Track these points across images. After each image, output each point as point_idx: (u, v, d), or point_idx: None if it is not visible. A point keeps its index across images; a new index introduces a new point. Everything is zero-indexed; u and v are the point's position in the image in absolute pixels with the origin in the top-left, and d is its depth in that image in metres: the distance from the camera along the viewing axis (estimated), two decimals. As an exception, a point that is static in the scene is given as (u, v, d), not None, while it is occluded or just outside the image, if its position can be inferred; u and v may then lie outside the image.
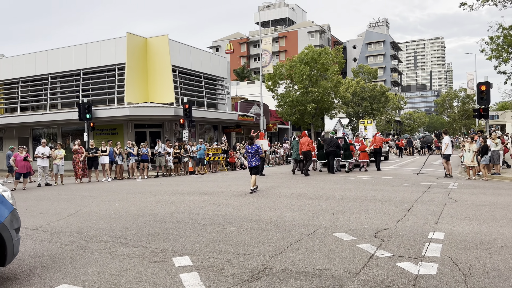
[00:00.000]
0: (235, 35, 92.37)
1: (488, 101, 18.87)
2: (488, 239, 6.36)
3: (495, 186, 13.67)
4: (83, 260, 5.70)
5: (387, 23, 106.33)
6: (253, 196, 11.78)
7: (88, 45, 27.59)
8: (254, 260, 5.51)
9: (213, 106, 32.00)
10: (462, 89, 65.69)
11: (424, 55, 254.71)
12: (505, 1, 20.08)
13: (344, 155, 19.92)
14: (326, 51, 37.45)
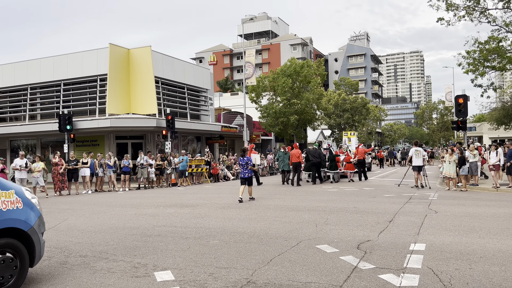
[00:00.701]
0: (219, 47, 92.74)
1: (465, 113, 19.34)
2: (468, 250, 6.46)
3: (474, 197, 13.94)
4: (62, 276, 5.55)
5: (367, 37, 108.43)
6: (236, 208, 11.73)
7: (69, 56, 27.26)
8: (237, 273, 5.46)
9: (196, 117, 31.91)
10: (441, 101, 67.24)
11: (404, 68, 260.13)
12: (481, 17, 20.75)
13: (330, 166, 20.51)
14: (308, 64, 37.92)
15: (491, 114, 42.17)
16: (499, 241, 7.08)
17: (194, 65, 37.13)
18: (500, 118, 38.40)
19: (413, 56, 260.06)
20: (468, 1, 20.47)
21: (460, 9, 20.75)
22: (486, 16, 20.62)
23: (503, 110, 37.43)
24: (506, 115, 36.67)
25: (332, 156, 20.68)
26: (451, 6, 20.69)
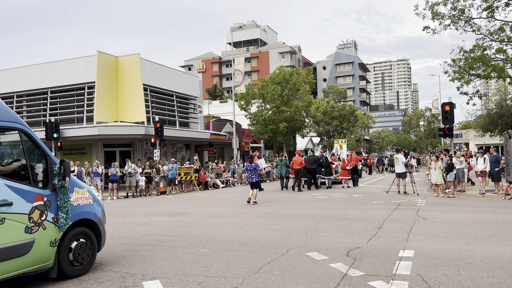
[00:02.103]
0: (208, 55, 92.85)
1: (452, 120, 19.60)
2: (456, 256, 6.52)
3: (461, 203, 14.10)
4: (48, 287, 5.45)
5: (355, 45, 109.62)
6: (226, 217, 11.68)
7: (56, 63, 27.01)
8: (227, 282, 5.42)
9: (185, 125, 31.80)
10: (428, 109, 68.12)
11: (391, 76, 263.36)
12: (466, 25, 21.14)
13: (325, 172, 21.54)
14: (297, 72, 38.16)
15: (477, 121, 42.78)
16: (486, 247, 7.15)
17: (183, 72, 37.08)
18: (485, 125, 38.97)
19: (400, 64, 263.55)
20: (453, 10, 20.85)
21: (446, 18, 21.12)
22: (470, 25, 21.02)
23: (488, 118, 38.00)
24: (492, 122, 37.23)
25: (327, 162, 21.74)
26: (437, 15, 21.05)
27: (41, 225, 5.39)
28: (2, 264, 4.83)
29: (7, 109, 5.42)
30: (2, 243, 4.83)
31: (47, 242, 5.46)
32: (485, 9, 20.37)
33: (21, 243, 5.08)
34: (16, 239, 5.03)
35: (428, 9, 21.17)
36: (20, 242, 5.07)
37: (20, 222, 5.09)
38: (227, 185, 26.79)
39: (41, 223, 5.38)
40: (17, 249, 5.02)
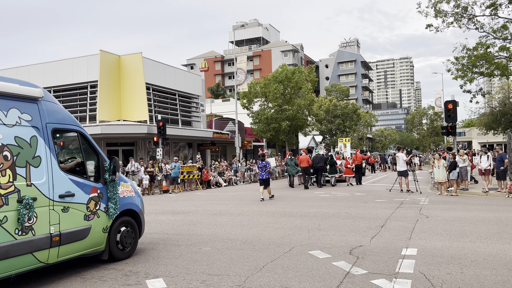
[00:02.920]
0: (210, 53, 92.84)
1: (455, 118, 19.53)
2: (459, 254, 6.51)
3: (464, 201, 14.06)
4: (52, 285, 5.48)
5: (358, 43, 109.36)
6: (229, 215, 11.70)
7: (59, 63, 27.09)
8: (230, 280, 5.43)
9: (187, 123, 31.83)
10: (431, 107, 67.87)
11: (394, 74, 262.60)
12: (469, 23, 21.04)
13: (329, 170, 22.00)
14: (300, 70, 38.08)
15: (480, 119, 42.67)
16: (490, 245, 7.14)
17: (185, 71, 37.11)
18: (488, 123, 38.86)
19: (402, 62, 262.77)
20: (456, 8, 20.75)
21: (449, 15, 21.02)
22: (474, 22, 20.91)
23: (491, 116, 37.89)
24: (495, 120, 37.12)
25: (332, 161, 22.25)
26: (440, 13, 20.96)
27: (96, 213, 6.28)
28: (68, 246, 5.74)
29: (68, 114, 6.32)
30: (67, 228, 5.72)
31: (100, 228, 6.36)
32: (488, 6, 20.27)
33: (81, 229, 5.97)
34: (78, 225, 5.92)
35: (431, 6, 21.08)
36: (80, 228, 5.96)
37: (80, 210, 5.99)
38: (230, 183, 26.81)
39: (95, 212, 6.28)
40: (79, 233, 5.92)
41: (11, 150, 5.13)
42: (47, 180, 5.52)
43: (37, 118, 5.60)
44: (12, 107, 5.29)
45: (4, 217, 4.91)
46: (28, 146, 5.37)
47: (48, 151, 5.65)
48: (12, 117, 5.25)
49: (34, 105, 5.61)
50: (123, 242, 6.78)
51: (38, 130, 5.57)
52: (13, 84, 5.38)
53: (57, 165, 5.77)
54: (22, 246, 5.07)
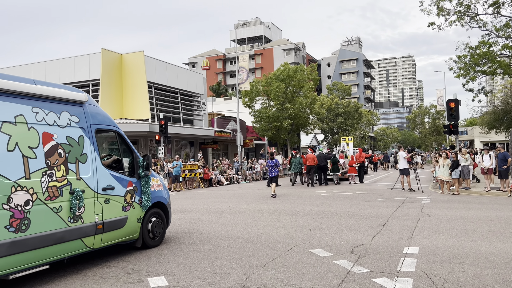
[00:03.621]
0: (212, 52, 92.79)
1: (457, 117, 19.48)
2: (461, 253, 6.50)
3: (466, 200, 14.04)
4: (54, 283, 5.50)
5: (359, 42, 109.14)
6: (230, 213, 11.71)
7: (61, 61, 27.13)
8: (231, 279, 5.44)
9: (189, 122, 31.84)
10: (433, 105, 67.72)
11: (396, 72, 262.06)
12: (471, 22, 20.96)
13: (332, 169, 22.34)
14: (302, 69, 38.03)
15: (482, 118, 42.56)
16: (492, 244, 7.13)
17: (187, 70, 37.13)
18: (491, 122, 38.76)
19: (404, 61, 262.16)
20: (458, 6, 20.67)
21: (451, 14, 20.94)
22: (476, 21, 20.83)
23: (494, 114, 37.79)
24: (497, 119, 37.02)
25: (335, 159, 22.60)
26: (442, 11, 20.88)
27: (132, 205, 6.99)
28: (109, 233, 6.44)
29: (107, 115, 7.00)
30: (109, 218, 6.43)
31: (135, 218, 7.05)
32: (491, 5, 20.19)
33: (120, 218, 6.68)
34: (117, 215, 6.63)
35: (433, 4, 21.00)
36: (119, 218, 6.67)
37: (119, 202, 6.70)
38: (231, 182, 26.83)
39: (131, 204, 6.98)
40: (118, 222, 6.62)
41: (64, 148, 5.82)
42: (92, 175, 6.23)
43: (83, 119, 6.31)
44: (64, 110, 5.98)
45: (59, 207, 5.60)
46: (77, 144, 6.06)
47: (92, 149, 6.34)
48: (64, 119, 5.95)
49: (80, 108, 6.32)
50: (154, 231, 7.51)
51: (84, 130, 6.28)
52: (63, 90, 6.10)
53: (100, 162, 6.49)
54: (73, 232, 5.78)
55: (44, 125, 5.61)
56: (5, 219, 4.89)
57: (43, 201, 5.38)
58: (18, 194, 5.06)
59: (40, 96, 5.64)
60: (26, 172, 5.22)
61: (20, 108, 5.34)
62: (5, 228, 4.88)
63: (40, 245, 5.27)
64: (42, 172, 5.42)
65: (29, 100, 5.49)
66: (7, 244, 4.86)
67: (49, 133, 5.64)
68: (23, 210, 5.10)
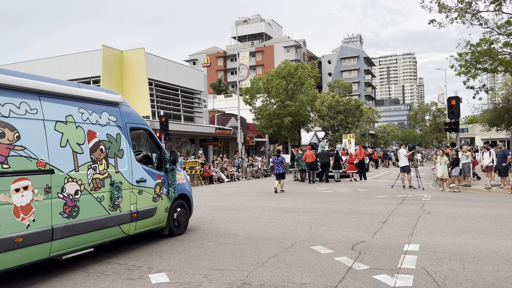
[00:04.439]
0: (212, 49, 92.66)
1: (458, 115, 19.46)
2: (461, 250, 6.51)
3: (466, 197, 14.05)
4: (56, 279, 5.52)
5: (360, 39, 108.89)
6: (231, 210, 11.73)
7: (62, 58, 27.10)
8: (232, 275, 5.46)
9: (190, 119, 31.84)
10: (433, 103, 67.67)
11: (397, 70, 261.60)
12: (472, 19, 20.90)
13: (334, 166, 22.43)
14: (302, 66, 37.97)
15: (483, 115, 42.46)
16: (492, 241, 7.14)
17: (188, 67, 37.07)
18: (492, 120, 38.68)
19: (405, 58, 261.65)
20: (460, 3, 20.61)
21: (452, 11, 20.87)
22: (477, 18, 20.76)
23: (494, 112, 37.71)
24: (498, 116, 36.94)
25: (337, 156, 22.73)
26: (444, 8, 20.81)
27: (160, 196, 7.69)
28: (142, 221, 7.14)
29: (139, 115, 7.72)
30: (142, 207, 7.14)
31: (163, 208, 7.76)
32: (493, 2, 20.12)
33: (150, 208, 7.38)
34: (148, 205, 7.33)
35: (434, 1, 20.93)
36: (150, 207, 7.37)
37: (150, 193, 7.39)
38: (232, 179, 26.85)
39: (160, 195, 7.68)
40: (149, 212, 7.32)
41: (104, 145, 6.51)
42: (128, 169, 6.94)
43: (119, 119, 7.01)
44: (104, 111, 6.68)
45: (102, 196, 6.30)
46: (115, 141, 6.76)
47: (127, 145, 7.04)
48: (104, 119, 6.65)
49: (116, 109, 7.02)
50: (179, 220, 8.26)
51: (121, 128, 6.97)
52: (102, 92, 6.85)
53: (134, 157, 7.19)
54: (113, 219, 6.49)
55: (89, 124, 6.31)
56: (59, 206, 5.60)
57: (89, 191, 6.10)
58: (70, 185, 5.78)
59: (84, 98, 6.35)
60: (75, 165, 5.93)
61: (69, 109, 6.04)
62: (60, 214, 5.59)
63: (87, 230, 5.97)
64: (87, 165, 6.14)
65: (76, 101, 6.20)
66: (61, 228, 5.56)
67: (93, 131, 6.35)
68: (74, 198, 5.82)
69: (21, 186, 5.10)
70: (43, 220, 5.33)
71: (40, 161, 5.40)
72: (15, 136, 5.15)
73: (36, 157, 5.35)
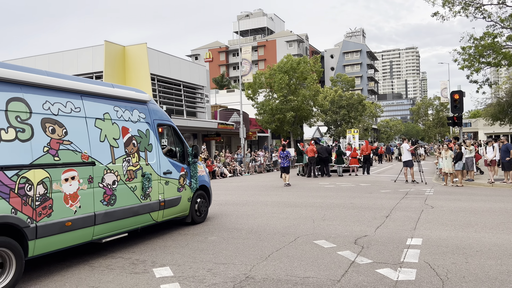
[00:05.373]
0: (214, 44, 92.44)
1: (461, 109, 19.39)
2: (464, 244, 6.52)
3: (469, 192, 14.03)
4: (61, 273, 5.57)
5: (363, 33, 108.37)
6: (234, 205, 11.76)
7: (64, 53, 27.11)
8: (235, 269, 5.49)
9: (192, 114, 31.84)
10: (437, 97, 67.34)
11: (400, 64, 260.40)
12: (476, 12, 20.75)
13: (336, 160, 22.49)
14: (305, 60, 37.85)
15: (487, 110, 42.27)
16: (495, 235, 7.14)
17: (190, 62, 37.05)
18: (495, 114, 38.50)
19: (408, 53, 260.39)
20: (463, -4, 20.47)
21: (456, 4, 20.74)
22: (481, 11, 20.62)
23: (498, 106, 37.52)
24: (501, 110, 36.75)
25: (340, 151, 22.77)
26: (448, 1, 20.69)
27: (184, 187, 8.38)
28: (168, 210, 7.80)
29: (164, 112, 8.45)
30: (168, 197, 7.80)
31: (186, 198, 8.46)
32: (497, -5, 20.00)
33: (176, 198, 8.07)
34: (174, 195, 8.02)
35: (438, -5, 20.82)
36: (175, 197, 8.06)
37: (175, 184, 8.08)
38: (235, 174, 26.89)
39: (183, 186, 8.38)
40: (174, 201, 8.00)
41: (136, 139, 7.15)
42: (156, 161, 7.59)
43: (148, 116, 7.65)
44: (134, 109, 7.33)
45: (135, 186, 6.95)
46: (145, 136, 7.40)
47: (155, 140, 7.69)
48: (135, 116, 7.30)
49: (145, 107, 7.67)
50: (200, 209, 8.95)
51: (149, 124, 7.62)
52: (132, 91, 7.52)
53: (161, 150, 7.87)
54: (145, 207, 7.14)
55: (122, 120, 6.95)
56: (100, 195, 6.24)
57: (124, 182, 6.74)
58: (108, 176, 6.42)
59: (118, 97, 6.99)
60: (112, 158, 6.57)
61: (106, 107, 6.67)
62: (100, 201, 6.23)
63: (122, 216, 6.62)
64: (122, 158, 6.77)
65: (111, 100, 6.82)
66: (102, 214, 6.20)
67: (126, 127, 7.00)
68: (111, 188, 6.46)
69: (69, 176, 5.78)
70: (87, 206, 6.00)
71: (84, 154, 6.05)
72: (64, 132, 5.81)
73: (80, 150, 6.00)
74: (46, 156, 5.46)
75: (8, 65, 5.39)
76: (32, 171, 5.25)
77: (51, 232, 5.41)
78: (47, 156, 5.47)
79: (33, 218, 5.20)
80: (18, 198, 5.05)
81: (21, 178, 5.10)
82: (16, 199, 5.02)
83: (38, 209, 5.29)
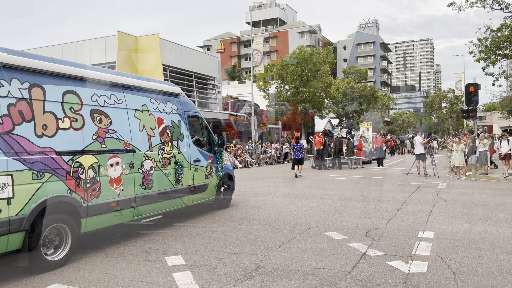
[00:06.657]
0: (226, 35, 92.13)
1: (476, 102, 19.11)
2: (477, 238, 6.46)
3: (483, 186, 13.87)
4: (75, 260, 5.67)
5: (377, 24, 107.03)
6: (245, 196, 11.81)
7: (77, 44, 27.30)
8: (246, 259, 5.53)
9: (204, 105, 31.90)
10: (451, 90, 66.35)
11: (413, 56, 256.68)
12: (493, 3, 20.33)
13: (347, 153, 22.52)
14: (317, 52, 37.57)
15: (502, 103, 41.55)
16: (509, 229, 7.07)
17: (202, 53, 37.03)
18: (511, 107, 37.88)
19: (422, 44, 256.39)
20: (480, -14, 20.06)
21: (473, -6, 20.33)
22: (498, 2, 20.20)
23: (514, 99, 36.90)
24: (517, 104, 36.15)
25: (351, 144, 22.67)
26: (464, -9, 20.31)
27: (211, 174, 9.03)
28: (197, 195, 8.47)
29: (193, 104, 9.05)
30: (197, 183, 8.47)
31: (213, 185, 9.12)
32: (515, -15, 19.54)
33: (204, 184, 8.74)
34: (202, 181, 8.69)
35: (454, -16, 20.43)
36: (203, 183, 8.73)
37: (203, 171, 8.72)
38: (245, 165, 26.95)
39: (210, 173, 9.02)
40: (202, 187, 8.68)
41: (169, 130, 7.72)
42: (187, 150, 8.20)
43: (179, 107, 8.24)
44: (168, 101, 7.91)
45: (169, 172, 7.57)
46: (177, 126, 7.98)
47: (186, 130, 8.28)
48: (168, 108, 7.88)
49: (177, 99, 8.25)
50: (225, 195, 9.59)
51: (181, 116, 8.20)
52: (166, 85, 8.26)
53: (191, 140, 8.47)
54: (177, 192, 7.78)
55: (158, 112, 7.50)
56: (140, 179, 6.86)
57: (160, 168, 7.33)
58: (146, 162, 7.02)
59: (153, 90, 7.55)
60: (150, 146, 7.17)
61: (143, 100, 7.24)
62: (140, 186, 6.85)
63: (158, 199, 7.26)
64: (158, 146, 7.36)
65: (148, 93, 7.38)
66: (141, 197, 6.83)
67: (161, 118, 7.55)
68: (149, 173, 7.06)
69: (114, 162, 6.37)
70: (129, 190, 6.62)
71: (126, 142, 6.64)
72: (109, 122, 6.39)
73: (123, 139, 6.59)
74: (95, 144, 6.06)
75: (63, 62, 5.95)
76: (83, 157, 5.86)
77: (100, 212, 6.04)
78: (96, 144, 6.07)
79: (85, 199, 5.81)
80: (72, 180, 5.66)
81: (75, 163, 5.71)
82: (71, 181, 5.64)
83: (89, 191, 5.90)
